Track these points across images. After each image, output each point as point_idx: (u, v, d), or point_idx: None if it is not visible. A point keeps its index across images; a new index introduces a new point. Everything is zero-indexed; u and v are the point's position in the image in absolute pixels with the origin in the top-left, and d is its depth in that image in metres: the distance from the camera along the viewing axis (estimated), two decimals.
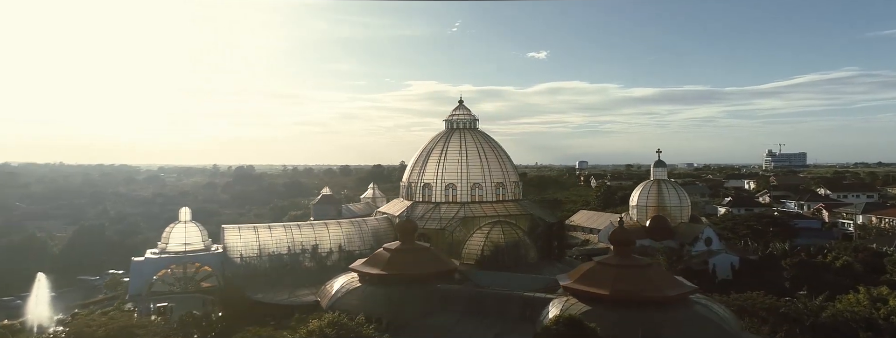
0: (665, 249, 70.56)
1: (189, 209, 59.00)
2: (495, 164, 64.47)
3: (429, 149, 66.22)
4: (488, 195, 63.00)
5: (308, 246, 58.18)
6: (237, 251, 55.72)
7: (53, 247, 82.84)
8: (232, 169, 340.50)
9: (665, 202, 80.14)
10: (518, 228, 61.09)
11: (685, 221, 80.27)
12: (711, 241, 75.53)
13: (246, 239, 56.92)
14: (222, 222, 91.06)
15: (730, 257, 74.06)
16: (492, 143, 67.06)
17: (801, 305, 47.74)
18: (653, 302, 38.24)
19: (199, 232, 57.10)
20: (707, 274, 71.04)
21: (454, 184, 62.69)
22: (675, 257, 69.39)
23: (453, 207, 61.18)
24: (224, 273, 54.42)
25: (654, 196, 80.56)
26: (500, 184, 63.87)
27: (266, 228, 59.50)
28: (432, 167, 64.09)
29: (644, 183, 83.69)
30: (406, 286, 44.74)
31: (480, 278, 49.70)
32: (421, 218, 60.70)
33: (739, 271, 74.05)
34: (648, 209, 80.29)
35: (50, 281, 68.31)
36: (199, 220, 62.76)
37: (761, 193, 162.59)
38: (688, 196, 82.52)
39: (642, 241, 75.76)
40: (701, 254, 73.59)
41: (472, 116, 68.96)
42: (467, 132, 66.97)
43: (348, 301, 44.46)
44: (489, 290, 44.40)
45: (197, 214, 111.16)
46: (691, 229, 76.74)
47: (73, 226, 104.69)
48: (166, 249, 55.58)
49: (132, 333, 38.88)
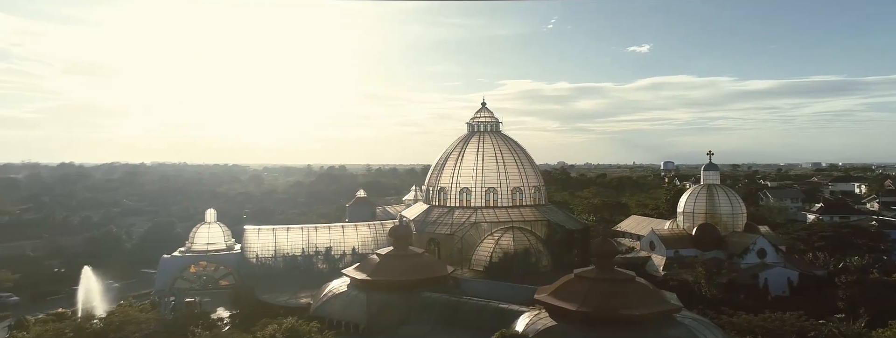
0: (706, 260, 65.10)
1: (214, 211, 62.67)
2: (513, 168, 62.57)
3: (448, 152, 65.62)
4: (503, 200, 61.29)
5: (322, 248, 59.69)
6: (254, 252, 58.36)
7: (127, 242, 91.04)
8: (324, 169, 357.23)
9: (716, 209, 73.85)
10: (532, 234, 58.92)
11: (739, 229, 73.57)
12: (765, 253, 68.49)
13: (263, 240, 59.46)
14: (283, 222, 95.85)
15: (787, 271, 66.98)
16: (513, 146, 65.16)
17: (836, 329, 42.31)
18: (624, 320, 35.38)
19: (221, 233, 60.43)
20: (755, 289, 64.76)
21: (468, 188, 61.64)
22: (717, 270, 63.84)
23: (466, 212, 60.17)
24: (240, 272, 57.21)
25: (703, 202, 74.47)
26: (516, 188, 61.92)
27: (284, 229, 61.79)
28: (448, 171, 63.44)
29: (693, 188, 77.64)
30: (389, 293, 44.62)
31: (472, 286, 48.50)
32: (433, 223, 60.34)
33: (798, 287, 66.87)
34: (697, 216, 74.39)
35: (117, 273, 75.45)
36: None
37: (869, 199, 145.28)
38: (742, 202, 75.42)
39: (687, 251, 70.54)
40: (752, 267, 67.12)
41: (494, 119, 67.48)
42: (488, 135, 65.57)
43: (331, 305, 45.13)
44: (466, 299, 43.18)
45: (261, 213, 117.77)
46: (742, 239, 70.13)
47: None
48: (191, 249, 59.32)
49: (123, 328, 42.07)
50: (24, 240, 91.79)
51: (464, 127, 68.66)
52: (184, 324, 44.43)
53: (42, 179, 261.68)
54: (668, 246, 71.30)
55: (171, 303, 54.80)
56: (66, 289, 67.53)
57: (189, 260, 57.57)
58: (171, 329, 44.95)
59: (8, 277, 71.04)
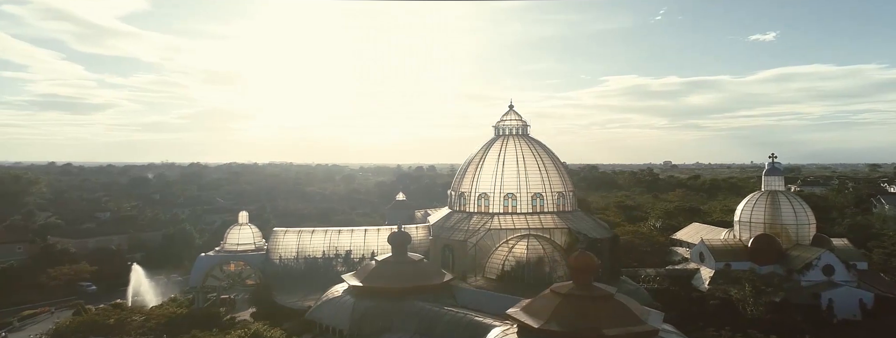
0: (755, 275, 58.71)
1: (246, 213, 65.68)
2: (535, 173, 59.99)
3: (472, 156, 64.26)
4: (523, 206, 58.94)
5: (342, 251, 60.72)
6: (278, 253, 60.55)
7: (198, 239, 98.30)
8: (412, 168, 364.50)
9: (779, 219, 66.40)
10: (550, 243, 56.17)
11: (806, 242, 65.64)
12: (833, 269, 60.52)
13: (288, 242, 61.54)
14: (342, 222, 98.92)
15: (859, 292, 59.08)
16: (539, 150, 62.44)
17: None
18: None
19: (252, 234, 63.31)
20: (816, 311, 57.55)
21: (487, 193, 59.94)
22: (771, 287, 57.44)
23: (483, 218, 58.55)
24: (264, 272, 59.64)
25: (763, 210, 67.26)
26: (537, 194, 59.30)
27: (309, 232, 63.51)
28: (469, 176, 62.12)
29: (752, 195, 70.27)
30: (376, 299, 44.34)
31: (467, 295, 47.05)
32: (449, 228, 59.38)
33: (873, 311, 58.69)
34: (755, 226, 67.31)
35: (184, 268, 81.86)
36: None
37: None
38: (810, 212, 67.05)
39: (740, 264, 64.20)
40: (814, 286, 59.77)
41: (522, 122, 65.10)
42: (512, 139, 63.39)
43: (322, 310, 45.65)
44: (447, 310, 41.86)
45: (324, 213, 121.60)
46: (805, 253, 62.41)
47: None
48: (224, 248, 62.72)
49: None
50: (115, 234, 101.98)
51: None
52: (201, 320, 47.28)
53: (166, 179, 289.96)
54: (717, 258, 65.23)
55: (210, 298, 58.48)
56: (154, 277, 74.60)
57: (219, 259, 60.93)
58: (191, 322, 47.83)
59: (86, 268, 79.29)
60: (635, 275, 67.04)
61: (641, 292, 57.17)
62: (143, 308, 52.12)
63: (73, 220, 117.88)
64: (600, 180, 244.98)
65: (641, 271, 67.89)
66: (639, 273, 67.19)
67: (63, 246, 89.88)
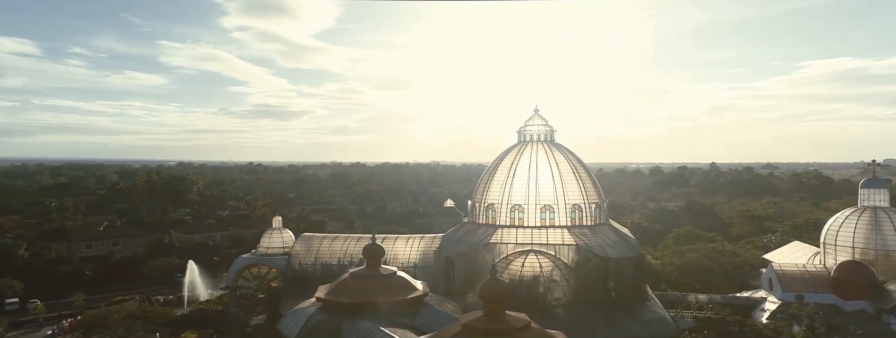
0: (821, 311, 47.30)
1: (281, 217, 68.40)
2: (548, 184, 54.30)
3: (491, 164, 60.26)
4: (530, 219, 53.72)
5: (356, 259, 60.57)
6: (298, 258, 62.30)
7: None
8: None
9: (877, 243, 52.74)
10: (554, 260, 50.48)
11: None
12: None
13: (309, 247, 63.04)
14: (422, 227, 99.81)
15: None
16: (558, 158, 56.31)
17: None
18: None
19: (282, 238, 65.79)
20: None
21: (494, 205, 55.68)
22: (840, 329, 46.17)
23: (488, 231, 54.51)
24: (285, 276, 61.74)
25: (856, 231, 53.88)
26: (547, 206, 53.57)
27: (331, 238, 64.39)
28: (483, 185, 58.29)
29: (844, 211, 56.50)
30: (328, 313, 43.43)
31: (430, 314, 43.92)
32: (456, 240, 56.32)
33: None
34: (842, 250, 54.21)
35: None
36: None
37: None
38: None
39: (817, 296, 52.64)
40: None
41: (548, 127, 59.36)
42: (534, 146, 58.08)
43: (286, 321, 45.84)
44: (376, 331, 39.38)
45: (406, 214, 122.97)
46: None
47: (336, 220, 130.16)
48: (256, 251, 66.12)
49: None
50: (220, 231, 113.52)
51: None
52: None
53: (317, 178, 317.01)
54: (787, 287, 53.91)
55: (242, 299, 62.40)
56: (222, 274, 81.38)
57: (249, 261, 64.24)
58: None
59: (176, 260, 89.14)
60: (683, 301, 58.04)
61: (665, 321, 49.21)
62: (147, 307, 56.81)
63: (198, 216, 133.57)
64: (751, 183, 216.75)
65: (692, 296, 58.47)
66: (688, 299, 58.01)
67: (171, 240, 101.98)
